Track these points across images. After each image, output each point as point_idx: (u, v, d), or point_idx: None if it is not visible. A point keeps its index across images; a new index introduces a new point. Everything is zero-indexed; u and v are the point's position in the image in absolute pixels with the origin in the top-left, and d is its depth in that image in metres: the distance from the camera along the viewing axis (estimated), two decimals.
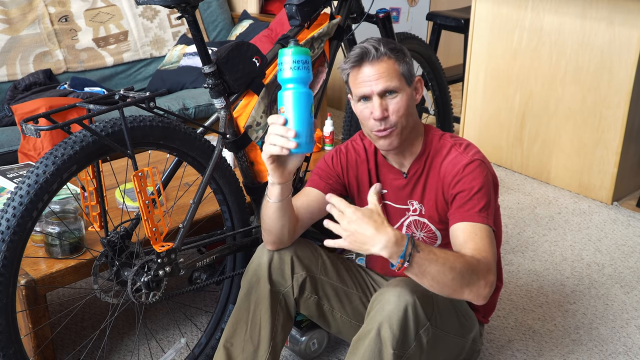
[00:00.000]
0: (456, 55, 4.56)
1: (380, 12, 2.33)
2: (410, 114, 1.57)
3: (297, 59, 1.37)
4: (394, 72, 1.54)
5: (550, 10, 3.03)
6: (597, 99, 2.95)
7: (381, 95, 1.54)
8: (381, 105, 1.53)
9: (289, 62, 1.37)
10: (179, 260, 1.62)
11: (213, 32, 3.82)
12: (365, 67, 1.54)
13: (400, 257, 1.30)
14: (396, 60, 1.55)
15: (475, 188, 1.52)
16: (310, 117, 1.39)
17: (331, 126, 2.60)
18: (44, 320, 1.69)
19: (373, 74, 1.53)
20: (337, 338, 2.04)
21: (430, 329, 1.48)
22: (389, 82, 1.53)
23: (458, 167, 1.56)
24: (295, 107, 1.37)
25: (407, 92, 1.56)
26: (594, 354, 2.03)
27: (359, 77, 1.56)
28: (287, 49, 1.37)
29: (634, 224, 2.84)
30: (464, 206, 1.52)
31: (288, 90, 1.38)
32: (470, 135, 3.52)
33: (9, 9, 3.20)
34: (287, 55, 1.37)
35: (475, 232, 1.48)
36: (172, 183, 1.92)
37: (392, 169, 1.68)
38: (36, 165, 1.39)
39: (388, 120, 1.54)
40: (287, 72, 1.37)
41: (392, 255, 1.31)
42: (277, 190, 1.51)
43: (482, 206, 1.51)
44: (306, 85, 1.39)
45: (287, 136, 1.36)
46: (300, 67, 1.37)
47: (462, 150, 1.59)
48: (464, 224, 1.50)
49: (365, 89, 1.55)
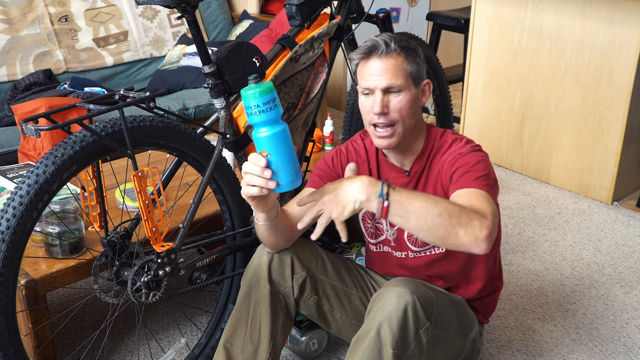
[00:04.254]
0: (456, 55, 4.56)
1: (380, 12, 2.33)
2: (412, 114, 1.57)
3: (265, 100, 1.31)
4: (401, 70, 1.53)
5: (550, 10, 3.03)
6: (597, 99, 2.95)
7: (384, 91, 1.53)
8: (382, 101, 1.53)
9: (255, 105, 1.31)
10: (179, 260, 1.62)
11: (213, 32, 3.82)
12: (373, 60, 1.54)
13: (378, 197, 1.29)
14: (405, 59, 1.54)
15: (472, 162, 1.51)
16: (290, 154, 1.35)
17: (331, 126, 2.60)
18: (44, 320, 1.69)
19: (379, 69, 1.53)
20: (337, 338, 2.04)
21: (430, 329, 1.48)
22: (393, 80, 1.53)
23: (455, 153, 1.57)
24: (274, 148, 1.34)
25: (412, 92, 1.56)
26: (594, 354, 2.03)
27: (365, 69, 1.55)
28: (249, 92, 1.31)
29: (634, 224, 2.84)
30: (461, 177, 1.49)
31: (262, 134, 1.33)
32: (470, 135, 3.51)
33: (9, 9, 3.20)
34: (251, 98, 1.31)
35: (471, 194, 1.44)
36: (172, 183, 1.92)
37: (393, 167, 1.68)
38: (36, 165, 1.39)
39: (387, 116, 1.54)
40: (258, 117, 1.32)
41: (369, 196, 1.29)
42: (263, 216, 1.50)
43: (480, 175, 1.48)
44: (279, 122, 1.34)
45: (265, 177, 1.34)
46: (270, 108, 1.31)
47: (462, 144, 1.60)
48: (460, 190, 1.46)
49: (369, 82, 1.54)
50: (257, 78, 1.32)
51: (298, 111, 1.94)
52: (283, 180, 1.35)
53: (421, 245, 1.70)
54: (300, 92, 1.94)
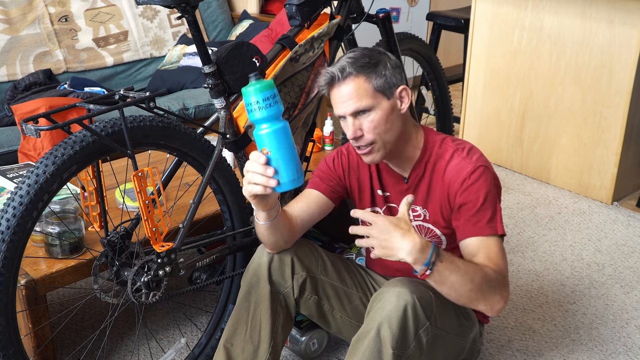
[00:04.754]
0: (456, 55, 4.56)
1: (380, 12, 2.33)
2: (391, 128, 1.55)
3: (265, 96, 1.31)
4: (363, 90, 1.51)
5: (550, 10, 3.03)
6: (597, 99, 2.95)
7: (354, 114, 1.53)
8: (354, 125, 1.53)
9: (256, 102, 1.31)
10: (179, 260, 1.62)
11: (213, 32, 3.82)
12: (335, 89, 1.55)
13: (424, 265, 1.33)
14: (366, 78, 1.52)
15: (482, 198, 1.52)
16: (292, 152, 1.35)
17: (331, 126, 2.60)
18: (44, 320, 1.69)
19: (343, 96, 1.53)
20: (337, 338, 2.04)
21: (430, 329, 1.48)
22: (358, 103, 1.52)
23: (463, 174, 1.55)
24: (275, 146, 1.33)
25: (385, 106, 1.53)
26: (594, 354, 2.03)
27: (333, 98, 1.57)
28: (250, 88, 1.31)
29: (634, 224, 2.84)
30: (472, 219, 1.52)
31: (263, 131, 1.33)
32: (470, 135, 3.52)
33: (9, 9, 3.20)
34: (252, 95, 1.31)
35: (487, 245, 1.50)
36: (172, 183, 1.91)
37: (393, 173, 1.68)
38: (36, 165, 1.39)
39: (363, 138, 1.54)
40: (258, 113, 1.32)
41: (416, 261, 1.33)
42: (264, 215, 1.51)
43: (490, 216, 1.52)
44: (279, 119, 1.34)
45: (267, 175, 1.34)
46: (270, 104, 1.31)
47: (465, 156, 1.58)
48: (474, 239, 1.51)
49: (338, 110, 1.56)
50: (257, 75, 1.33)
51: (298, 111, 1.94)
52: (284, 178, 1.35)
53: None
54: (300, 92, 1.95)
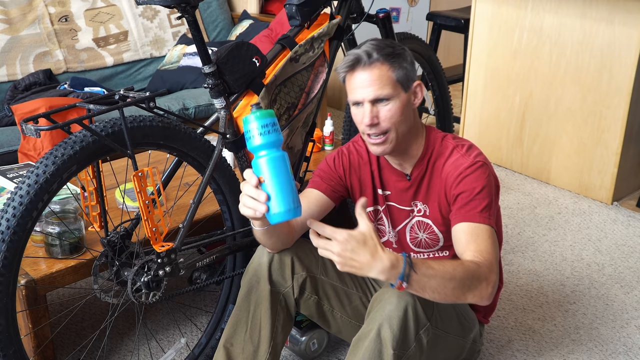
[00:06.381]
0: (456, 55, 4.56)
1: (380, 12, 2.33)
2: (405, 120, 1.55)
3: (264, 123, 1.29)
4: (386, 79, 1.51)
5: (550, 10, 3.03)
6: (597, 99, 2.95)
7: (373, 102, 1.52)
8: (372, 112, 1.52)
9: (256, 128, 1.29)
10: (179, 260, 1.62)
11: (213, 32, 3.82)
12: (357, 73, 1.53)
13: (398, 279, 1.29)
14: (390, 66, 1.52)
15: (477, 188, 1.52)
16: (289, 182, 1.31)
17: (331, 126, 2.60)
18: (44, 320, 1.69)
19: (365, 81, 1.52)
20: (337, 338, 2.04)
21: (431, 329, 1.48)
22: (380, 90, 1.51)
23: (460, 168, 1.56)
24: (272, 173, 1.30)
25: (402, 98, 1.54)
26: (594, 354, 2.03)
27: (352, 82, 1.55)
28: (250, 116, 1.30)
29: (634, 224, 2.84)
30: (466, 206, 1.51)
31: (262, 158, 1.30)
32: (470, 135, 3.52)
33: (9, 9, 3.20)
34: (253, 121, 1.29)
35: (477, 233, 1.48)
36: (172, 183, 1.92)
37: (395, 170, 1.68)
38: (36, 165, 1.39)
39: (379, 126, 1.53)
40: (257, 139, 1.29)
41: (389, 278, 1.29)
42: (259, 222, 1.47)
43: (484, 206, 1.50)
44: (279, 148, 1.33)
45: (259, 199, 1.29)
46: (269, 131, 1.30)
47: (464, 152, 1.59)
48: (465, 225, 1.49)
49: (356, 95, 1.54)
50: (258, 105, 1.32)
51: (298, 111, 1.94)
52: (281, 207, 1.29)
53: (424, 246, 1.70)
54: (300, 92, 1.94)
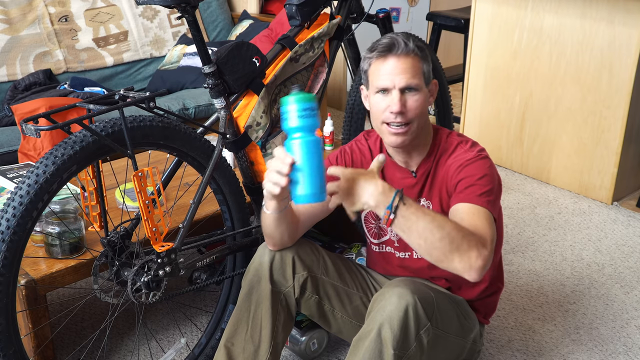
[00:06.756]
0: (456, 55, 4.56)
1: (380, 12, 2.33)
2: (424, 114, 1.57)
3: (304, 106, 1.30)
4: (418, 69, 1.53)
5: (550, 10, 3.03)
6: (597, 99, 2.95)
7: (402, 90, 1.52)
8: (400, 100, 1.51)
9: (295, 110, 1.29)
10: (179, 260, 1.62)
11: (213, 32, 3.82)
12: (390, 59, 1.52)
13: (387, 208, 1.29)
14: (421, 59, 1.54)
15: (478, 175, 1.52)
16: (320, 167, 1.32)
17: (331, 126, 2.60)
18: (44, 320, 1.69)
19: (397, 68, 1.51)
20: (337, 338, 2.04)
21: (431, 330, 1.47)
22: (412, 79, 1.51)
23: (462, 160, 1.56)
24: (305, 156, 1.30)
25: (425, 92, 1.56)
26: (594, 354, 2.03)
27: (382, 68, 1.53)
28: (291, 97, 1.30)
29: (634, 224, 2.84)
30: (465, 190, 1.50)
31: (296, 140, 1.31)
32: (470, 135, 3.51)
33: (9, 9, 3.20)
34: (293, 103, 1.30)
35: (474, 212, 1.46)
36: (172, 183, 1.91)
37: (399, 168, 1.67)
38: (36, 165, 1.39)
39: (404, 115, 1.53)
40: (294, 121, 1.30)
41: (378, 204, 1.30)
42: (274, 204, 1.49)
43: (484, 191, 1.49)
44: (314, 133, 1.33)
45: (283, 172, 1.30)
46: (307, 115, 1.30)
47: (467, 148, 1.60)
48: (462, 204, 1.48)
49: (386, 81, 1.52)
50: (300, 86, 1.34)
51: None
52: (307, 190, 1.30)
53: None
54: None
